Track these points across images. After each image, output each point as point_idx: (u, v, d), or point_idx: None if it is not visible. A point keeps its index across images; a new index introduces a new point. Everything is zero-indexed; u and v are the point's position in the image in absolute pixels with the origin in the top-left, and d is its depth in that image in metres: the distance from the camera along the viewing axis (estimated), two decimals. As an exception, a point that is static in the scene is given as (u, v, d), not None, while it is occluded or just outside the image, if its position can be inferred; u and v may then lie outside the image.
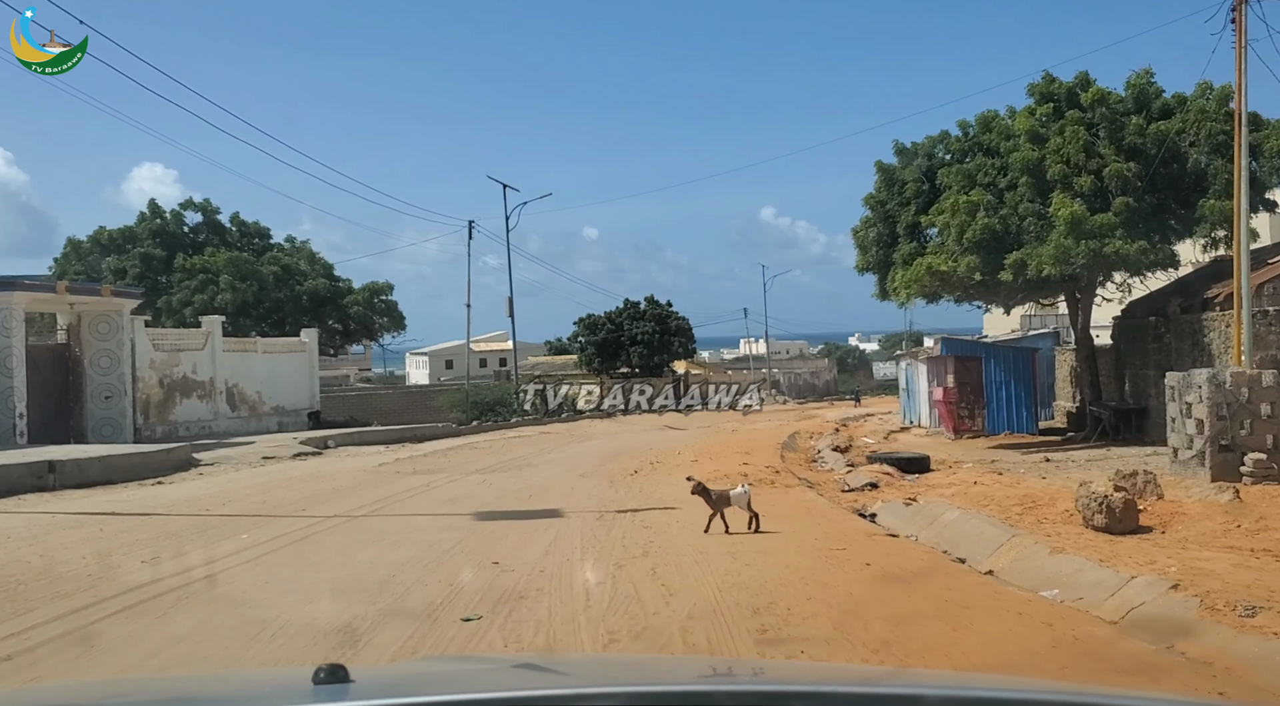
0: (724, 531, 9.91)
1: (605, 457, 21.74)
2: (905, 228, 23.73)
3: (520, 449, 25.10)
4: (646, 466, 19.00)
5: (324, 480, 16.44)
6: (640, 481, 16.19)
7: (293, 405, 30.60)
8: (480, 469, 18.97)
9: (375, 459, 21.18)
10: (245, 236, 40.69)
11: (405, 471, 18.18)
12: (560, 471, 18.44)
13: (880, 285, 24.80)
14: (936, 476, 17.88)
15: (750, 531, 9.88)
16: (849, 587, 7.25)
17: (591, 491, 14.60)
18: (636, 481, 16.22)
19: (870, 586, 7.29)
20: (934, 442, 26.84)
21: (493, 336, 78.54)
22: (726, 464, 19.33)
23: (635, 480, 16.56)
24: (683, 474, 18.33)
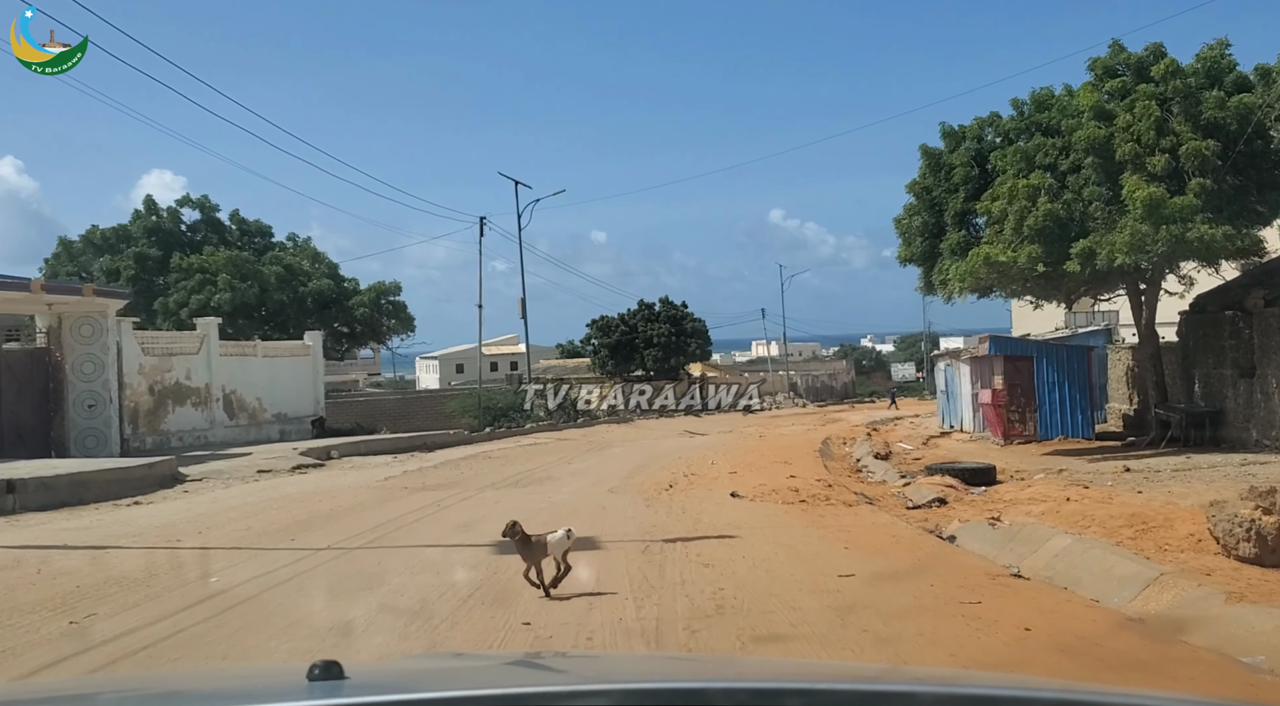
0: (541, 593, 7.22)
1: (631, 468, 19.76)
2: (954, 216, 21.67)
3: (537, 458, 23.13)
4: (680, 479, 17.00)
5: (321, 499, 14.47)
6: (678, 499, 14.19)
7: (295, 412, 28.67)
8: (496, 483, 17.00)
9: (381, 471, 19.22)
10: (246, 235, 38.60)
11: (413, 487, 16.21)
12: (585, 485, 16.45)
13: (925, 278, 22.75)
14: (1008, 489, 15.85)
15: (548, 592, 7.26)
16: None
17: (626, 512, 12.60)
18: (674, 499, 14.22)
19: (1065, 673, 5.24)
20: (981, 449, 24.76)
21: (504, 339, 76.62)
22: (770, 476, 17.32)
23: (672, 497, 14.57)
24: (725, 488, 16.34)
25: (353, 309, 37.46)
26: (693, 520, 11.61)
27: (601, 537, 10.30)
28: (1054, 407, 24.43)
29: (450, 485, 16.52)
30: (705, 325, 61.11)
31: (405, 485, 16.51)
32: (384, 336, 41.72)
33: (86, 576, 8.21)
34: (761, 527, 10.86)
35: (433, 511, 12.92)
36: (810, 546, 9.41)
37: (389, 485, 16.56)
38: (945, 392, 30.55)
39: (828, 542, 9.67)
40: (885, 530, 10.92)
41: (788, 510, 13.08)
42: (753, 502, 13.96)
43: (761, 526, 10.94)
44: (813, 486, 15.76)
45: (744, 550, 9.22)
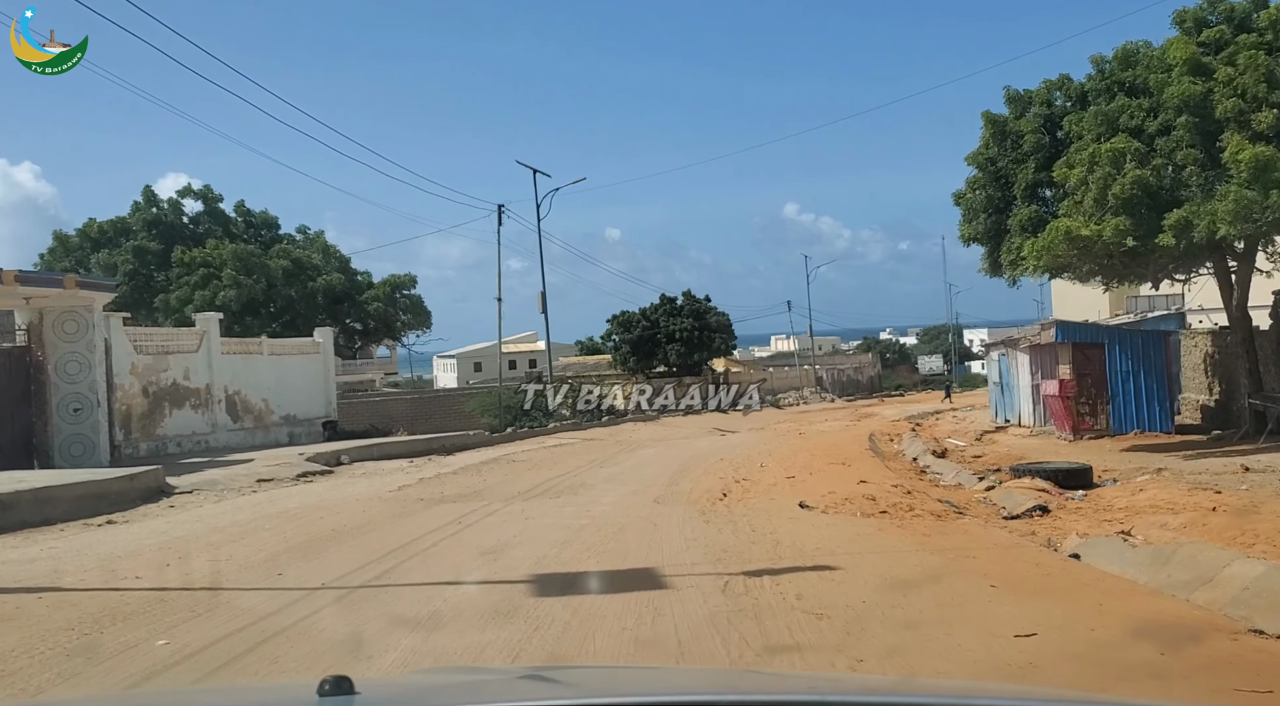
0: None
1: (672, 472, 17.59)
2: (1023, 189, 19.41)
3: (565, 461, 20.99)
4: (733, 486, 14.82)
5: (324, 515, 12.35)
6: (740, 511, 12.02)
7: (305, 414, 26.62)
8: (523, 491, 14.85)
9: (395, 479, 17.11)
10: (252, 228, 36.26)
11: (430, 498, 14.09)
12: (626, 494, 14.28)
13: (989, 258, 20.48)
14: (1113, 494, 13.61)
15: None
16: None
17: (684, 530, 10.42)
18: (734, 511, 12.05)
19: None
20: (1047, 445, 22.50)
21: (522, 337, 74.56)
22: (834, 481, 15.12)
23: (731, 509, 12.40)
24: (787, 496, 14.17)
25: (365, 304, 35.11)
26: (770, 542, 9.42)
27: (663, 568, 8.14)
28: (1128, 399, 22.17)
29: (472, 495, 14.39)
30: (729, 319, 58.77)
31: (421, 496, 14.38)
32: (399, 333, 39.41)
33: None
34: (861, 552, 8.67)
35: (453, 530, 10.78)
36: (943, 584, 7.22)
37: (403, 496, 14.44)
38: (999, 384, 28.23)
39: (961, 576, 7.48)
40: (1016, 555, 8.70)
41: (876, 525, 10.90)
42: (827, 515, 11.79)
43: (860, 550, 8.75)
44: (889, 493, 13.56)
45: (856, 589, 7.03)
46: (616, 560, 8.70)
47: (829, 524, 10.87)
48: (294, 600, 7.30)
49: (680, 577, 7.73)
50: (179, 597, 7.47)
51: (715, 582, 7.47)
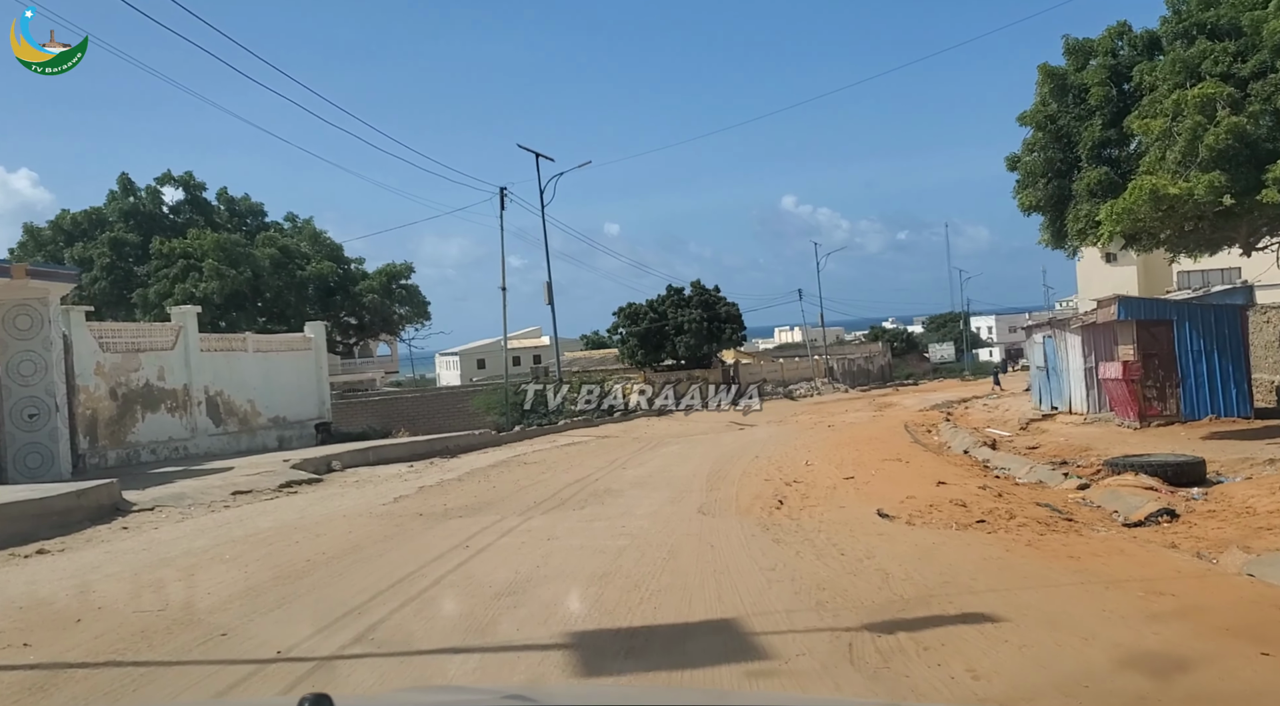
0: None
1: (707, 473, 15.30)
2: (1090, 148, 17.09)
3: (583, 461, 18.70)
4: (785, 490, 12.53)
5: (301, 539, 10.04)
6: (808, 523, 9.74)
7: (296, 415, 24.32)
8: (540, 501, 12.56)
9: (391, 487, 14.82)
10: (236, 216, 33.54)
11: (431, 512, 11.79)
12: (662, 502, 11.97)
13: (1051, 227, 18.18)
14: (1247, 491, 11.31)
15: None
16: None
17: (753, 554, 8.12)
18: (801, 523, 9.76)
19: None
20: (1107, 433, 20.21)
21: (526, 332, 72.25)
22: (901, 480, 12.85)
23: (796, 519, 10.12)
24: (856, 502, 11.83)
25: (360, 296, 32.56)
26: (873, 571, 7.13)
27: (747, 618, 5.85)
28: (1200, 381, 19.86)
29: (481, 507, 12.09)
30: (739, 309, 56.45)
31: (420, 509, 12.08)
32: (396, 326, 36.84)
33: None
34: (1007, 587, 6.37)
35: (458, 558, 8.47)
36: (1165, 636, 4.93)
37: (399, 510, 12.14)
38: (1045, 369, 25.91)
39: (1205, 636, 5.17)
40: (1209, 584, 6.41)
41: (984, 540, 8.64)
42: (915, 527, 9.52)
43: (1004, 585, 6.45)
44: (976, 497, 11.28)
45: (1042, 652, 4.74)
46: (679, 604, 6.40)
47: (927, 539, 8.59)
48: (233, 682, 5.02)
49: (777, 636, 5.44)
50: (72, 680, 5.18)
51: (831, 644, 5.17)
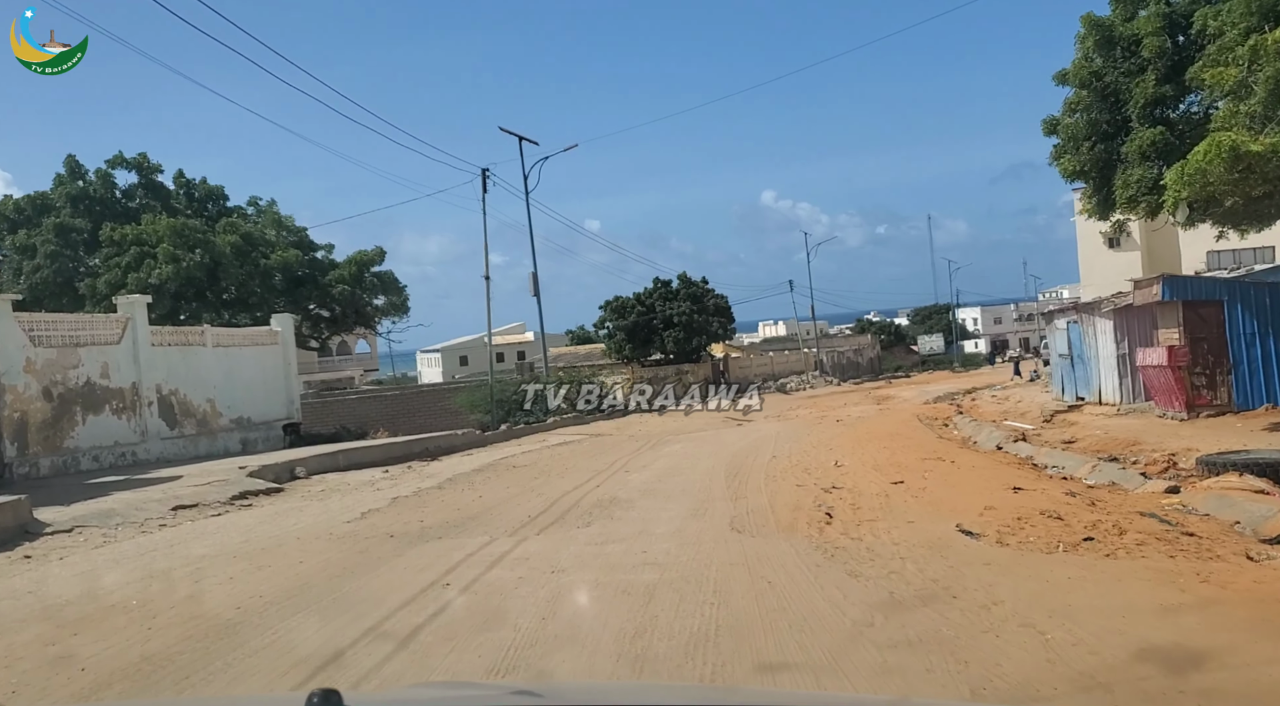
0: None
1: (724, 477, 13.22)
2: (1142, 107, 15.14)
3: (578, 464, 16.58)
4: (825, 497, 10.46)
5: (236, 573, 7.88)
6: (875, 543, 7.67)
7: (262, 416, 22.04)
8: (536, 515, 10.42)
9: (360, 499, 12.65)
10: (195, 202, 30.80)
11: (404, 532, 9.63)
12: (682, 515, 9.85)
13: (1096, 195, 16.22)
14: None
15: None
16: None
17: (829, 593, 6.02)
18: (867, 543, 7.69)
19: None
20: (1150, 425, 18.27)
21: (510, 328, 69.94)
22: (961, 485, 10.82)
23: (856, 537, 8.05)
24: (920, 513, 9.70)
25: (330, 286, 30.06)
26: (1009, 624, 5.05)
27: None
28: (1254, 367, 17.94)
29: (464, 524, 9.94)
30: (728, 301, 54.37)
31: (391, 527, 9.92)
32: (372, 319, 34.35)
33: None
34: (1246, 661, 4.31)
35: (435, 605, 6.33)
36: None
37: (366, 528, 9.97)
38: (1069, 357, 23.95)
39: None
40: None
41: (1127, 570, 6.59)
42: (1011, 548, 7.48)
43: (1244, 659, 4.39)
44: (1064, 506, 9.24)
45: None
46: (752, 685, 4.30)
47: (1060, 573, 6.52)
48: None
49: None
50: None
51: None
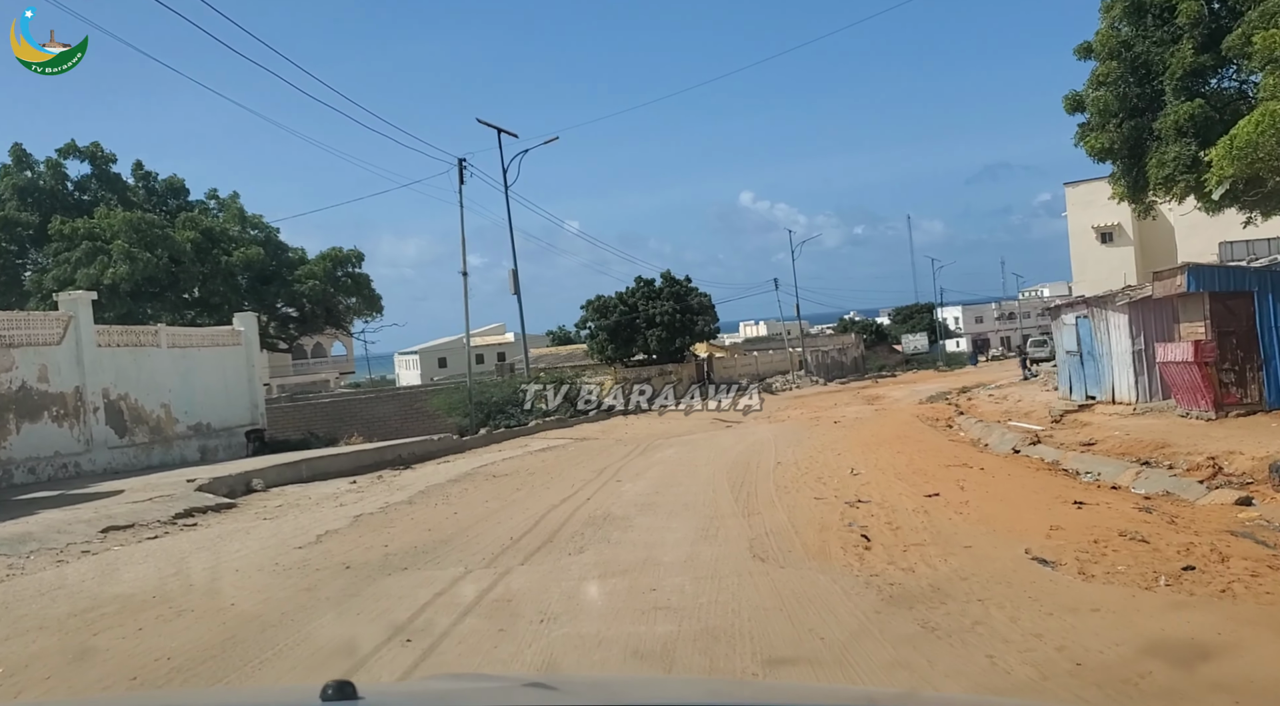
0: None
1: (728, 488, 11.74)
2: (1177, 79, 13.77)
3: (565, 472, 15.04)
4: (856, 515, 8.99)
5: (148, 624, 6.30)
6: (938, 578, 6.21)
7: (224, 422, 20.38)
8: (519, 536, 8.89)
9: (319, 517, 11.07)
10: (154, 195, 28.84)
11: (364, 560, 8.08)
12: (693, 539, 8.34)
13: (1127, 176, 14.86)
14: None
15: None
16: None
17: (922, 667, 4.54)
18: (927, 577, 6.23)
19: None
20: (1174, 425, 16.94)
21: (490, 329, 68.21)
22: (1014, 503, 9.39)
23: (905, 565, 6.60)
24: (974, 534, 8.20)
25: (299, 282, 28.18)
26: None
27: None
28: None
29: (434, 551, 8.39)
30: (711, 300, 52.97)
31: (349, 555, 8.36)
32: (343, 319, 32.48)
33: None
34: None
35: (391, 674, 4.81)
36: None
37: (319, 556, 8.41)
38: (1078, 353, 22.62)
39: None
40: None
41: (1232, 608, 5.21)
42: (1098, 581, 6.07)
43: None
44: (1143, 525, 7.82)
45: None
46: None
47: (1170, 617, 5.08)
48: None
49: None
50: None
51: None
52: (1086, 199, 40.37)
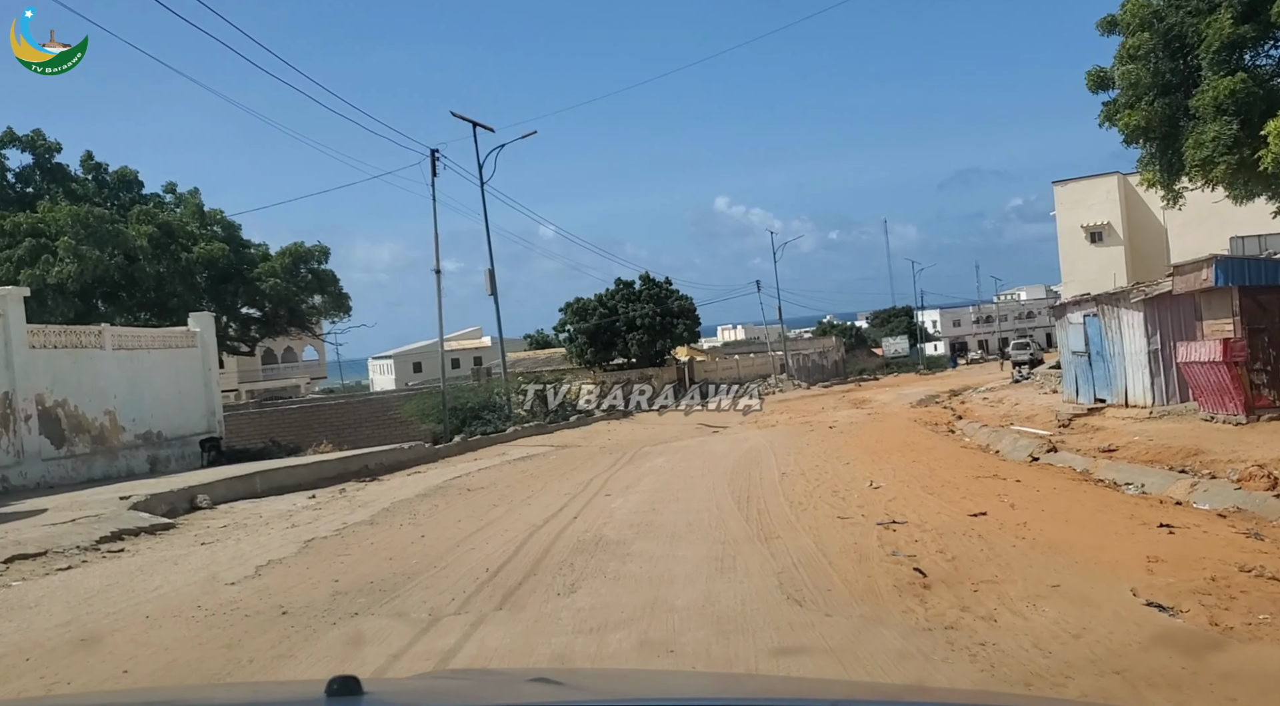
0: None
1: (733, 504, 10.28)
2: (1215, 51, 12.47)
3: (548, 485, 13.52)
4: (897, 540, 7.54)
5: (10, 696, 4.75)
6: (1044, 643, 4.73)
7: (176, 430, 18.69)
8: (496, 571, 7.37)
9: (265, 541, 9.50)
10: (105, 188, 26.76)
11: (306, 603, 6.54)
12: (707, 573, 6.85)
13: (1159, 158, 13.54)
14: None
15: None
16: None
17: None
18: (1031, 638, 4.75)
19: None
20: (1199, 429, 15.70)
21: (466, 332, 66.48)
22: (1082, 524, 7.98)
23: (983, 612, 5.11)
24: (1070, 569, 6.45)
25: (259, 281, 26.29)
26: None
27: None
28: (1322, 362, 15.39)
29: (393, 590, 6.85)
30: (693, 303, 51.57)
31: (289, 595, 6.81)
32: (308, 319, 30.66)
33: None
34: None
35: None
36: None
37: (254, 595, 6.86)
38: (1086, 354, 21.35)
39: None
40: None
41: None
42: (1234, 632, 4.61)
43: None
44: (1264, 557, 6.41)
45: None
46: None
47: None
48: None
49: None
50: None
51: None
52: (1075, 198, 39.31)
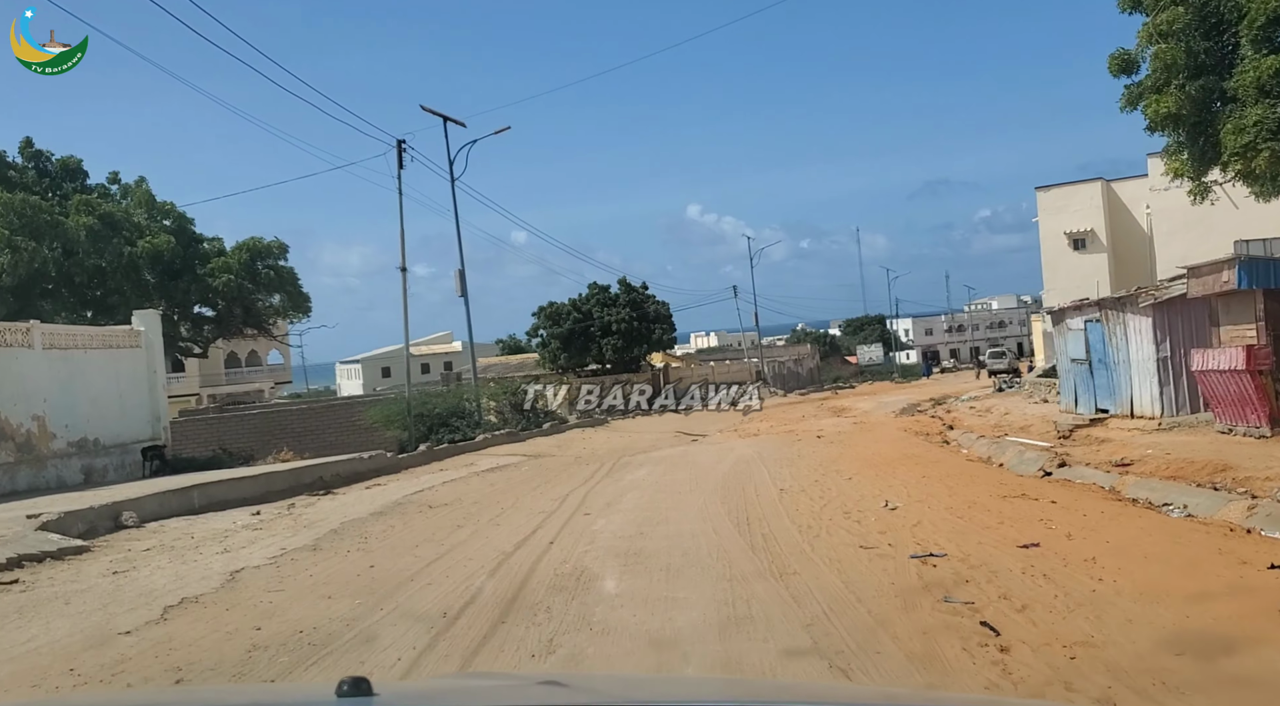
0: None
1: (732, 527, 8.92)
2: (1258, 27, 11.30)
3: (518, 502, 12.09)
4: (947, 580, 6.20)
5: None
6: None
7: (115, 437, 17.08)
8: (455, 616, 5.95)
9: (185, 572, 8.02)
10: (47, 177, 25.23)
11: (215, 661, 5.07)
12: (714, 623, 5.45)
13: (1190, 147, 12.36)
14: None
15: None
16: None
17: None
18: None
19: None
20: (1218, 442, 14.55)
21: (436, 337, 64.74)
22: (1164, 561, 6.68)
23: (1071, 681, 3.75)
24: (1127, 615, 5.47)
25: (211, 277, 24.54)
26: None
27: None
28: (1352, 370, 14.28)
29: (325, 645, 5.40)
30: (669, 308, 50.26)
31: (191, 652, 5.36)
32: (264, 318, 28.88)
33: None
34: None
35: None
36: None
37: (149, 651, 5.40)
38: (1087, 362, 20.22)
39: None
40: None
41: None
42: None
43: None
44: None
45: None
46: None
47: None
48: None
49: None
50: None
51: None
52: (1058, 204, 38.42)
